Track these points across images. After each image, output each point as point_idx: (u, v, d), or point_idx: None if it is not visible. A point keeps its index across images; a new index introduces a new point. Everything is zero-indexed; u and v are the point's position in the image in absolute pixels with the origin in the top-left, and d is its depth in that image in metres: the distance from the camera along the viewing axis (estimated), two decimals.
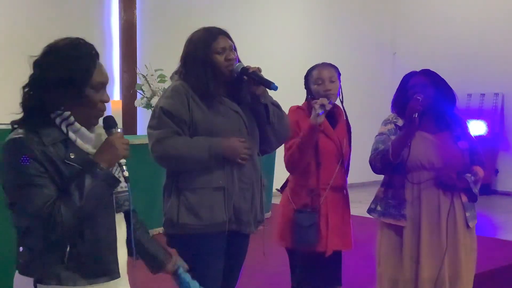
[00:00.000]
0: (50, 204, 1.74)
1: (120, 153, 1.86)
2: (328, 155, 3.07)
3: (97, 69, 1.86)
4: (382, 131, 3.12)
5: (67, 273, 1.81)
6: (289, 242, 3.09)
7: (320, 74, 3.10)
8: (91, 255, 1.84)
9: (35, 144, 1.76)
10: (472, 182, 3.00)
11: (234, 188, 2.54)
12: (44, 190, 1.75)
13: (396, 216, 3.03)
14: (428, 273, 2.96)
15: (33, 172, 1.74)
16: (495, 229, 6.53)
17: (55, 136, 1.80)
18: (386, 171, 3.09)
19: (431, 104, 3.01)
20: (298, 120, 3.08)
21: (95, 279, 1.86)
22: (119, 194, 1.93)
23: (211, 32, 2.59)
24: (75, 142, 1.83)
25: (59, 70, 1.79)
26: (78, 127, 1.84)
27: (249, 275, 3.06)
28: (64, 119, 1.82)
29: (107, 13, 7.67)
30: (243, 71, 2.56)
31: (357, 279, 4.23)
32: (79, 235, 1.82)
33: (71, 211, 1.74)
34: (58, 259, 1.80)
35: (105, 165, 1.82)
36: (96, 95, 1.86)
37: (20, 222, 1.83)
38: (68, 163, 1.79)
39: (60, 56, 1.82)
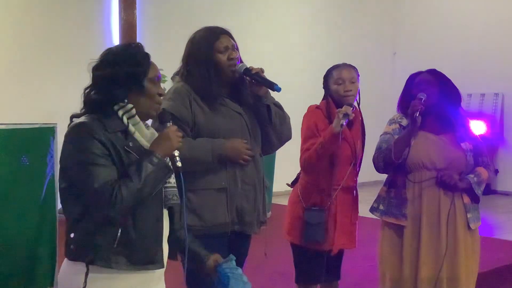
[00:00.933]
0: (112, 183, 1.84)
1: (175, 145, 1.98)
2: (342, 156, 3.08)
3: (152, 65, 2.01)
4: (386, 130, 3.13)
5: (116, 257, 1.90)
6: (296, 238, 3.12)
7: (341, 74, 3.10)
8: (139, 243, 1.92)
9: (100, 128, 1.89)
10: (475, 183, 2.99)
11: (236, 189, 2.54)
12: (106, 170, 1.86)
13: (397, 215, 3.04)
14: (427, 273, 2.97)
15: (98, 152, 1.87)
16: (495, 229, 6.53)
17: (116, 125, 1.93)
18: (389, 170, 3.10)
19: (435, 104, 3.01)
20: (316, 121, 3.09)
21: (141, 265, 1.94)
22: (167, 189, 2.04)
23: (214, 32, 2.58)
24: (133, 134, 1.96)
25: (122, 66, 1.94)
26: (138, 121, 1.98)
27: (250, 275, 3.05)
28: (126, 111, 1.95)
29: (107, 13, 7.67)
30: (245, 72, 2.55)
31: (359, 278, 4.23)
32: (132, 222, 1.91)
33: (130, 192, 1.85)
34: (109, 242, 1.89)
35: (161, 154, 1.93)
36: (154, 87, 2.00)
37: (74, 206, 1.92)
38: (127, 151, 1.92)
39: (121, 55, 1.99)
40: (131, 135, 1.95)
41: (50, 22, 7.03)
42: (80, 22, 7.24)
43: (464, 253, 2.99)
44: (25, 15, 6.95)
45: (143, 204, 1.92)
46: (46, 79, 6.99)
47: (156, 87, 2.01)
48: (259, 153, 2.66)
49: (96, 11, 7.59)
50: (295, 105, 4.79)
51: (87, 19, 7.41)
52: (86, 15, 7.43)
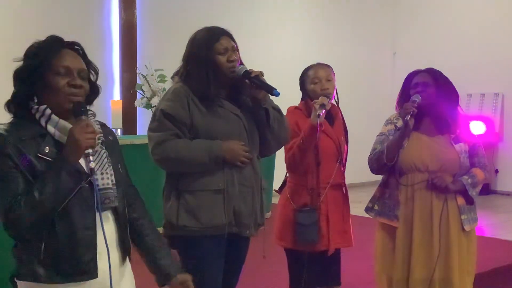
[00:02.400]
0: (12, 199, 1.75)
1: (83, 144, 1.78)
2: (328, 154, 3.09)
3: (60, 55, 1.87)
4: (382, 131, 3.14)
5: (42, 270, 1.81)
6: (289, 242, 3.10)
7: (316, 74, 3.12)
8: (66, 253, 1.82)
9: (10, 140, 1.78)
10: (469, 184, 2.98)
11: (234, 191, 2.53)
12: (10, 185, 1.76)
13: (390, 216, 3.05)
14: (419, 274, 2.97)
15: (2, 167, 1.77)
16: (495, 229, 6.53)
17: (34, 131, 1.82)
18: (382, 171, 3.10)
19: (432, 105, 3.00)
20: (297, 120, 3.09)
21: (71, 277, 1.84)
22: (104, 191, 1.89)
23: (214, 32, 2.58)
24: (54, 136, 1.84)
25: (24, 61, 1.87)
26: (56, 120, 1.84)
27: (248, 277, 3.05)
28: (41, 114, 1.84)
29: (107, 13, 7.67)
30: (245, 75, 2.55)
31: (356, 279, 4.23)
32: (53, 233, 1.80)
33: (31, 208, 1.73)
34: (35, 255, 1.81)
35: (71, 158, 1.78)
36: (60, 79, 1.85)
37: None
38: (41, 157, 1.79)
39: (26, 53, 1.90)
40: (50, 137, 1.83)
41: (50, 22, 7.03)
42: (80, 22, 7.24)
43: (457, 255, 2.98)
44: (25, 15, 6.95)
45: (65, 212, 1.80)
46: None
47: (63, 78, 1.85)
48: (256, 155, 2.66)
49: (96, 11, 7.59)
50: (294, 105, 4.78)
51: (87, 19, 7.41)
52: (86, 15, 7.43)
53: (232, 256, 2.64)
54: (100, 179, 1.88)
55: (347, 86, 6.11)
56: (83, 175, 1.82)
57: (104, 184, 1.89)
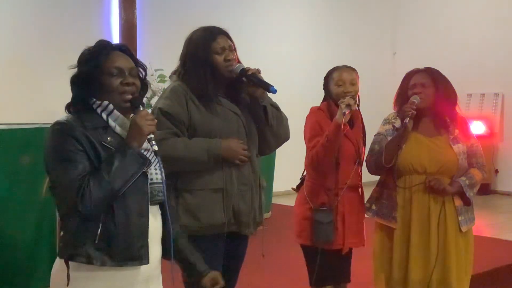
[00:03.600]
0: (82, 177, 1.84)
1: (145, 130, 1.95)
2: (347, 155, 3.10)
3: (110, 56, 1.99)
4: (380, 131, 3.14)
5: (97, 253, 1.88)
6: (307, 239, 3.13)
7: (341, 76, 3.12)
8: (121, 238, 1.90)
9: (76, 126, 1.90)
10: (467, 185, 2.97)
11: (233, 189, 2.54)
12: (78, 165, 1.86)
13: (387, 217, 3.05)
14: (417, 275, 2.97)
15: (70, 148, 1.87)
16: (495, 229, 6.52)
17: (97, 122, 1.94)
18: (380, 173, 3.11)
19: (430, 106, 3.00)
20: (319, 120, 3.11)
21: (123, 261, 1.91)
22: (154, 185, 2.01)
23: (211, 32, 2.58)
24: (114, 129, 1.96)
25: (78, 67, 1.99)
26: (118, 115, 1.97)
27: (247, 276, 3.05)
28: (104, 108, 1.96)
29: (107, 13, 7.67)
30: (242, 73, 2.55)
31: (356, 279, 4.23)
32: (111, 217, 1.89)
33: (99, 185, 1.84)
34: (90, 238, 1.88)
35: (134, 144, 1.93)
36: (113, 80, 1.97)
37: (61, 205, 1.94)
38: (105, 145, 1.91)
39: (80, 56, 2.02)
40: (111, 130, 1.96)
41: (50, 22, 7.03)
42: (80, 22, 7.24)
43: (455, 256, 2.98)
44: (25, 15, 6.95)
45: (123, 198, 1.90)
46: (46, 79, 6.98)
47: (117, 78, 1.98)
48: (255, 153, 2.66)
49: (96, 11, 7.59)
50: (293, 106, 4.79)
51: (87, 19, 7.41)
52: (86, 15, 7.43)
53: (231, 255, 2.65)
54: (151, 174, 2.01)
55: None
56: (145, 160, 1.96)
57: (153, 179, 2.01)
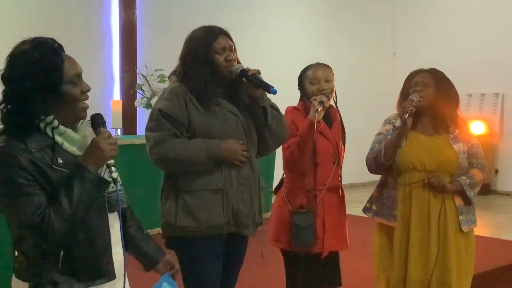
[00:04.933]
0: (41, 212, 1.71)
1: (107, 154, 1.80)
2: (325, 155, 3.07)
3: (66, 62, 1.79)
4: (380, 131, 3.14)
5: (62, 277, 1.80)
6: (285, 243, 3.08)
7: (315, 74, 3.10)
8: (85, 258, 1.83)
9: (20, 151, 1.71)
10: (467, 185, 2.97)
11: (232, 190, 2.53)
12: (34, 198, 1.71)
13: (388, 216, 3.04)
14: (417, 275, 2.96)
15: (21, 181, 1.70)
16: (495, 229, 6.52)
17: (41, 141, 1.76)
18: (380, 171, 3.10)
19: (431, 105, 3.00)
20: (294, 120, 3.07)
21: (91, 281, 1.85)
22: (110, 194, 1.90)
23: (212, 32, 2.57)
24: (62, 146, 1.79)
25: (30, 78, 1.73)
26: (64, 130, 1.80)
27: (247, 277, 3.05)
28: (48, 123, 1.78)
29: (107, 13, 7.67)
30: (242, 73, 2.54)
31: (356, 279, 4.23)
32: (73, 239, 1.80)
33: (62, 218, 1.72)
34: (53, 264, 1.79)
35: (92, 167, 1.78)
36: (74, 88, 1.80)
37: (14, 228, 1.82)
38: (56, 168, 1.75)
39: (26, 64, 1.75)
40: (59, 147, 1.78)
41: (50, 22, 7.02)
42: (80, 22, 7.24)
43: (455, 256, 2.97)
44: (25, 15, 6.95)
45: (83, 220, 1.80)
46: None
47: (78, 86, 1.81)
48: (255, 154, 2.66)
49: (96, 11, 7.59)
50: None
51: (87, 19, 7.41)
52: (86, 15, 7.43)
53: (231, 256, 2.64)
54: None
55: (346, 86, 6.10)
56: (105, 184, 1.82)
57: (113, 187, 1.89)
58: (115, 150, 1.83)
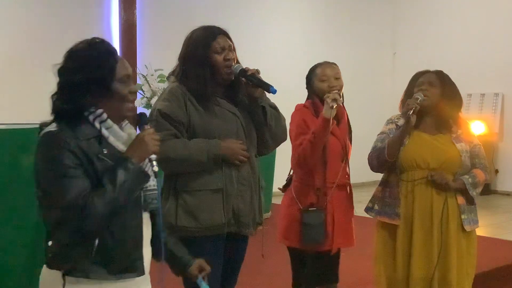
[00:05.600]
0: (85, 195, 1.76)
1: (151, 149, 1.90)
2: (334, 153, 3.08)
3: (119, 63, 1.91)
4: (383, 130, 3.14)
5: (94, 267, 1.84)
6: (294, 241, 3.09)
7: (324, 71, 3.11)
8: (118, 251, 1.87)
9: (70, 137, 1.80)
10: (470, 184, 2.97)
11: (232, 190, 2.53)
12: (79, 181, 1.78)
13: (390, 214, 3.05)
14: (420, 272, 2.97)
15: (69, 163, 1.78)
16: (495, 229, 6.52)
17: (89, 132, 1.85)
18: (382, 169, 3.10)
19: (435, 105, 3.00)
20: (304, 118, 3.09)
21: (121, 274, 1.89)
22: (147, 192, 1.97)
23: (211, 31, 2.58)
24: (107, 139, 1.88)
25: (85, 71, 1.84)
26: (111, 124, 1.89)
27: (247, 276, 3.05)
28: (97, 116, 1.87)
29: (107, 13, 7.67)
30: (241, 73, 2.54)
31: (356, 278, 4.23)
32: (109, 231, 1.85)
33: (104, 203, 1.77)
34: (86, 252, 1.83)
35: (136, 160, 1.86)
36: (123, 87, 1.90)
37: (50, 215, 1.85)
38: (101, 158, 1.83)
39: (82, 59, 1.88)
40: (105, 140, 1.87)
41: (50, 21, 7.03)
42: (80, 22, 7.24)
43: (456, 254, 2.97)
44: (25, 15, 6.95)
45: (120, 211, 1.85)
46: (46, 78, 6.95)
47: (126, 86, 1.92)
48: (254, 153, 2.66)
49: (96, 11, 7.59)
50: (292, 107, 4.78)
51: (87, 19, 7.41)
52: (86, 15, 7.43)
53: (231, 256, 2.64)
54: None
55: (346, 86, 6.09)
56: (146, 177, 1.90)
57: (147, 187, 1.96)
58: (158, 146, 1.93)
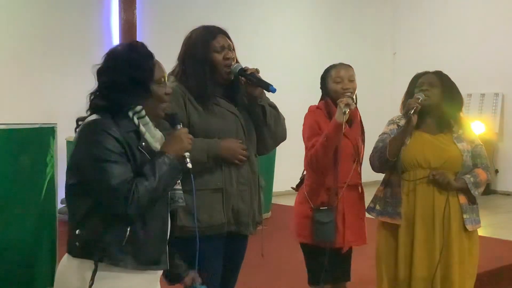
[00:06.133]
0: (130, 181, 1.84)
1: (186, 146, 2.02)
2: (346, 154, 3.10)
3: (156, 65, 2.01)
4: (384, 131, 3.15)
5: (123, 256, 1.89)
6: (307, 237, 3.13)
7: (339, 73, 3.13)
8: (147, 242, 1.93)
9: (114, 126, 1.89)
10: (472, 183, 2.98)
11: (232, 189, 2.54)
12: (123, 167, 1.86)
13: (392, 214, 3.05)
14: (422, 272, 2.97)
15: (114, 149, 1.86)
16: (495, 229, 6.52)
17: (128, 126, 1.93)
18: (384, 169, 3.10)
19: (436, 105, 3.01)
20: (317, 120, 3.11)
21: (147, 266, 1.95)
22: (174, 191, 2.05)
23: (211, 31, 2.58)
24: (144, 135, 1.96)
25: (126, 72, 1.94)
26: (148, 121, 1.98)
27: (247, 276, 3.05)
28: (136, 112, 1.95)
29: (107, 13, 7.67)
30: (241, 72, 2.55)
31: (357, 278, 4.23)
32: (141, 222, 1.91)
33: (147, 190, 1.85)
34: (118, 240, 1.88)
35: (172, 155, 1.96)
36: (160, 88, 2.01)
37: (82, 203, 1.90)
38: (141, 151, 1.93)
39: (124, 60, 1.97)
40: (142, 135, 1.96)
41: (50, 21, 7.04)
42: (80, 22, 7.25)
43: (458, 254, 2.97)
44: (25, 15, 6.95)
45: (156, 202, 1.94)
46: (46, 79, 6.99)
47: (163, 87, 2.02)
48: (254, 153, 2.66)
49: (96, 11, 7.59)
50: (292, 106, 4.79)
51: (87, 19, 7.41)
52: (86, 15, 7.43)
53: (231, 255, 2.64)
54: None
55: None
56: (180, 172, 2.01)
57: (177, 184, 2.05)
58: (190, 144, 2.04)
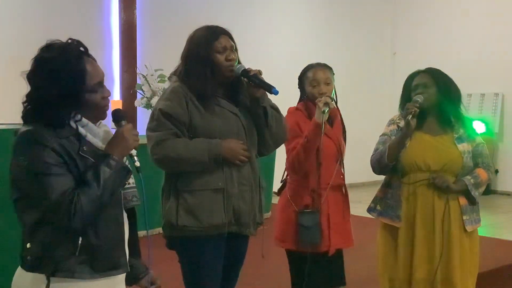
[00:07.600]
0: (70, 192, 1.75)
1: (131, 144, 1.90)
2: (328, 155, 3.07)
3: (88, 70, 1.85)
4: (385, 131, 3.14)
5: (79, 266, 1.82)
6: (291, 243, 3.08)
7: (315, 76, 3.10)
8: (102, 249, 1.85)
9: (51, 135, 1.77)
10: (472, 184, 2.97)
11: (233, 189, 2.53)
12: (63, 179, 1.76)
13: (392, 216, 3.04)
14: (422, 274, 2.96)
15: (52, 161, 1.75)
16: (495, 229, 6.52)
17: (66, 130, 1.82)
18: (384, 172, 3.10)
19: (434, 105, 3.00)
20: (297, 121, 3.08)
21: (106, 272, 1.87)
22: (127, 190, 1.96)
23: (214, 31, 2.58)
24: (85, 137, 1.85)
25: (53, 86, 1.79)
26: (86, 122, 1.87)
27: (247, 276, 3.05)
28: (71, 117, 1.84)
29: (107, 13, 7.67)
30: (243, 73, 2.54)
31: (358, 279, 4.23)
32: (93, 228, 1.83)
33: (90, 200, 1.76)
34: (70, 251, 1.81)
35: (117, 156, 1.85)
36: (95, 95, 1.87)
37: (31, 216, 1.82)
38: (82, 155, 1.81)
39: (49, 72, 1.81)
40: (83, 138, 1.85)
41: (50, 21, 7.03)
42: (80, 22, 7.24)
43: (458, 255, 2.96)
44: (25, 15, 6.95)
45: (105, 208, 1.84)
46: None
47: (99, 93, 1.88)
48: (255, 154, 2.66)
49: (96, 11, 7.60)
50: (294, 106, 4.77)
51: (87, 19, 7.41)
52: (86, 15, 7.43)
53: (232, 256, 2.64)
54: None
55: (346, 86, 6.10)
56: (128, 173, 1.90)
57: (130, 183, 1.98)
58: (138, 141, 1.92)
